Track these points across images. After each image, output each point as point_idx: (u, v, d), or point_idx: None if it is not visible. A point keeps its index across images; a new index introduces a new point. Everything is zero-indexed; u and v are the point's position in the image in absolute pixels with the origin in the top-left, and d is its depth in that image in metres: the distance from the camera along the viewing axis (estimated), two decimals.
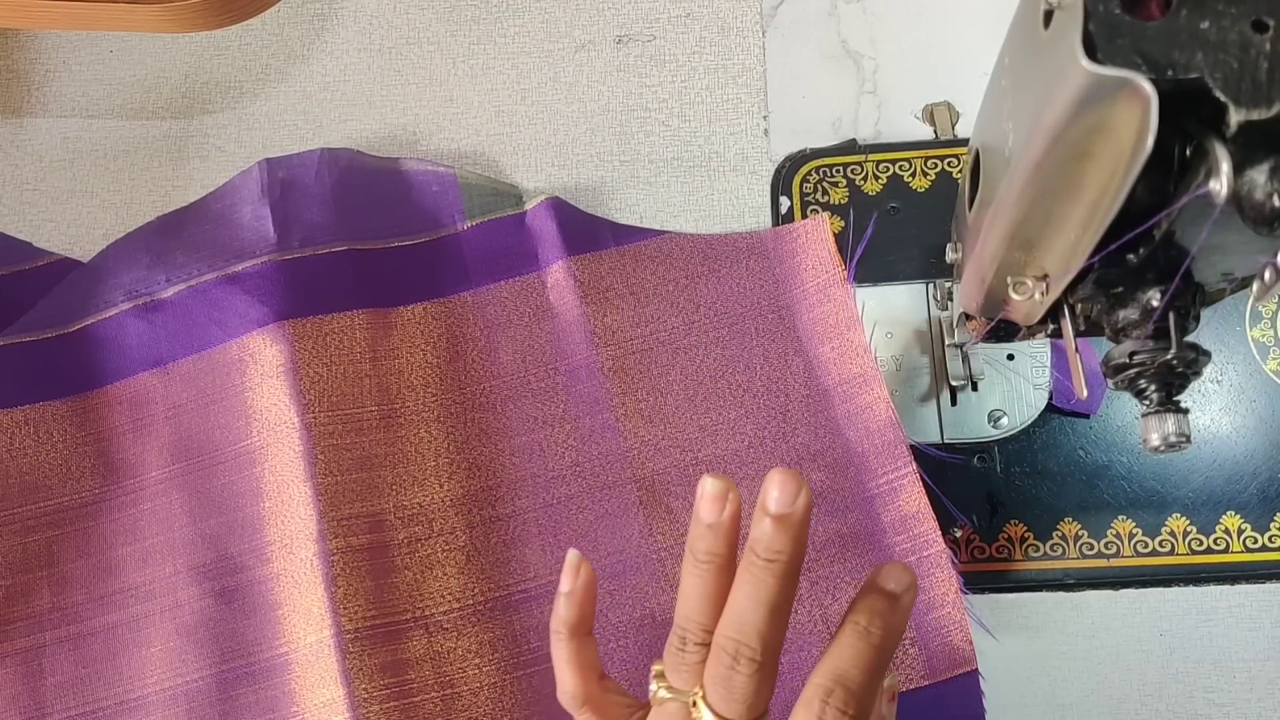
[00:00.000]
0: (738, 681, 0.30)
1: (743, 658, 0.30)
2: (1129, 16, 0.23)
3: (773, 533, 0.30)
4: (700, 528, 0.32)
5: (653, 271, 0.51)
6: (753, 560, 0.30)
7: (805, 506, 0.30)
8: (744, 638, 0.30)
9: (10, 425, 0.49)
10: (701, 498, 0.31)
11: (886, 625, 0.31)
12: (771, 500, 0.30)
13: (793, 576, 0.30)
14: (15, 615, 0.48)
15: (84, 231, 0.54)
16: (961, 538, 0.47)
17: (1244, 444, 0.47)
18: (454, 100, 0.55)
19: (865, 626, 0.31)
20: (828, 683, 0.30)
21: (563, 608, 0.35)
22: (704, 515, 0.32)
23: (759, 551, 0.30)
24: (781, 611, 0.31)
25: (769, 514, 0.30)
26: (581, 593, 0.35)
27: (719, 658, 0.30)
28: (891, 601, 0.31)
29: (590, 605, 0.35)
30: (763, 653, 0.30)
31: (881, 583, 0.32)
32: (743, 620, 0.30)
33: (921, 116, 0.52)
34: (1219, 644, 0.47)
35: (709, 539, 0.31)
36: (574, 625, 0.34)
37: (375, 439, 0.48)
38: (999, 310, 0.37)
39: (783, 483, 0.30)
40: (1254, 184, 0.23)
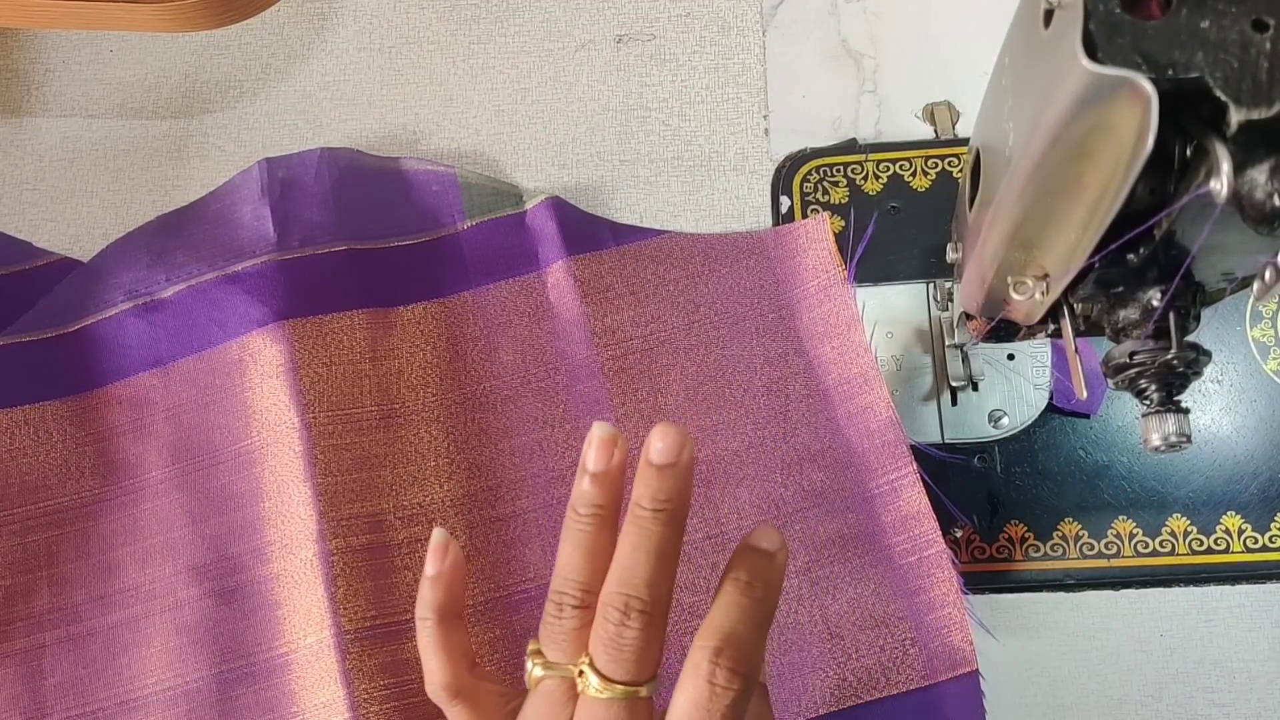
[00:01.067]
0: (628, 638, 0.28)
1: (633, 610, 0.28)
2: (1129, 16, 0.23)
3: (658, 481, 0.29)
4: (584, 479, 0.30)
5: (653, 271, 0.51)
6: (639, 512, 0.29)
7: (689, 458, 0.29)
8: (634, 590, 0.28)
9: (10, 425, 0.49)
10: (589, 444, 0.30)
11: (767, 581, 0.30)
12: (655, 451, 0.29)
13: (679, 526, 0.29)
14: (15, 615, 0.48)
15: (84, 231, 0.54)
16: (962, 538, 0.47)
17: (1244, 444, 0.47)
18: (454, 100, 0.55)
19: (747, 581, 0.29)
20: (715, 642, 0.28)
21: (428, 591, 0.32)
22: (590, 462, 0.30)
23: (644, 503, 0.29)
24: (670, 561, 0.29)
25: (653, 464, 0.29)
26: (449, 574, 0.33)
27: (606, 615, 0.29)
28: (767, 559, 0.30)
29: (460, 588, 0.33)
30: (653, 604, 0.29)
31: (755, 542, 0.30)
32: (632, 572, 0.29)
33: (922, 116, 0.52)
34: (1219, 644, 0.47)
35: (593, 490, 0.30)
36: (442, 609, 0.32)
37: (375, 439, 0.48)
38: (999, 310, 0.37)
39: (664, 433, 0.29)
40: (1254, 183, 0.23)
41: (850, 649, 0.45)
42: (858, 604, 0.46)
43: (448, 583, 0.32)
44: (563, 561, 0.30)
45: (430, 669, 0.32)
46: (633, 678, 0.28)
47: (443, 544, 0.33)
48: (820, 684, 0.45)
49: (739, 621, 0.29)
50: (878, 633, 0.45)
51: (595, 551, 0.30)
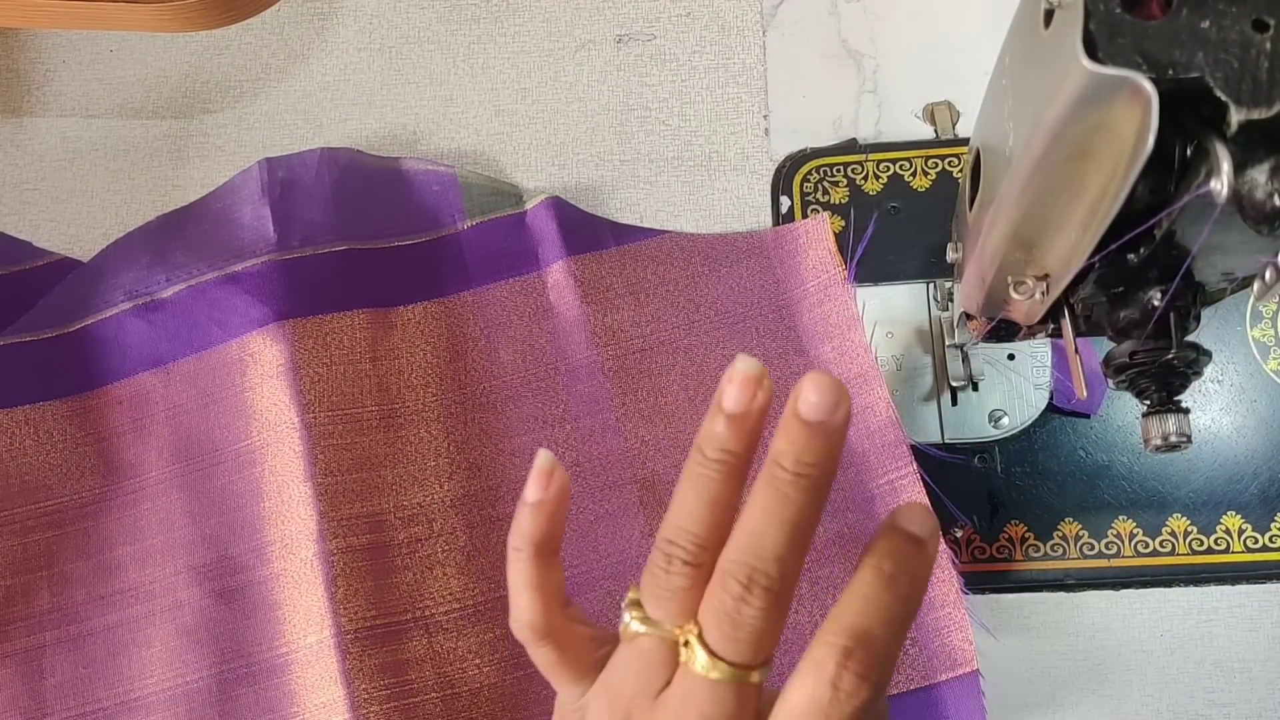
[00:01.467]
0: (747, 615, 0.25)
1: (757, 586, 0.25)
2: (1129, 16, 0.23)
3: (807, 439, 0.25)
4: (717, 418, 0.26)
5: (653, 271, 0.51)
6: (777, 473, 0.25)
7: (845, 417, 0.25)
8: (761, 563, 0.25)
9: (10, 425, 0.49)
10: (728, 379, 0.26)
11: (913, 575, 0.25)
12: (806, 404, 0.24)
13: (822, 497, 0.25)
14: (15, 615, 0.48)
15: (84, 231, 0.54)
16: (962, 538, 0.47)
17: (1244, 444, 0.47)
18: (454, 100, 0.55)
19: (891, 573, 0.25)
20: (846, 640, 0.24)
21: (527, 520, 0.28)
22: (728, 401, 0.26)
23: (786, 463, 0.25)
24: (805, 535, 0.25)
25: (802, 419, 0.25)
26: (553, 503, 0.29)
27: (725, 586, 0.25)
28: (917, 548, 0.26)
29: (561, 521, 0.29)
30: (780, 581, 0.25)
31: (904, 524, 0.26)
32: (761, 542, 0.25)
33: (922, 116, 0.52)
34: (1219, 644, 0.47)
35: (726, 432, 0.26)
36: (540, 541, 0.29)
37: (375, 439, 0.48)
38: (999, 310, 0.37)
39: (819, 384, 0.24)
40: (1255, 183, 0.23)
41: None
42: None
43: (550, 512, 0.29)
44: (679, 508, 0.26)
45: (519, 605, 0.29)
46: (746, 660, 0.25)
47: (548, 468, 0.29)
48: None
49: (877, 620, 0.25)
50: None
51: (718, 503, 0.26)
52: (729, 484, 0.26)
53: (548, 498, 0.29)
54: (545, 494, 0.29)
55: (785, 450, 0.25)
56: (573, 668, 0.29)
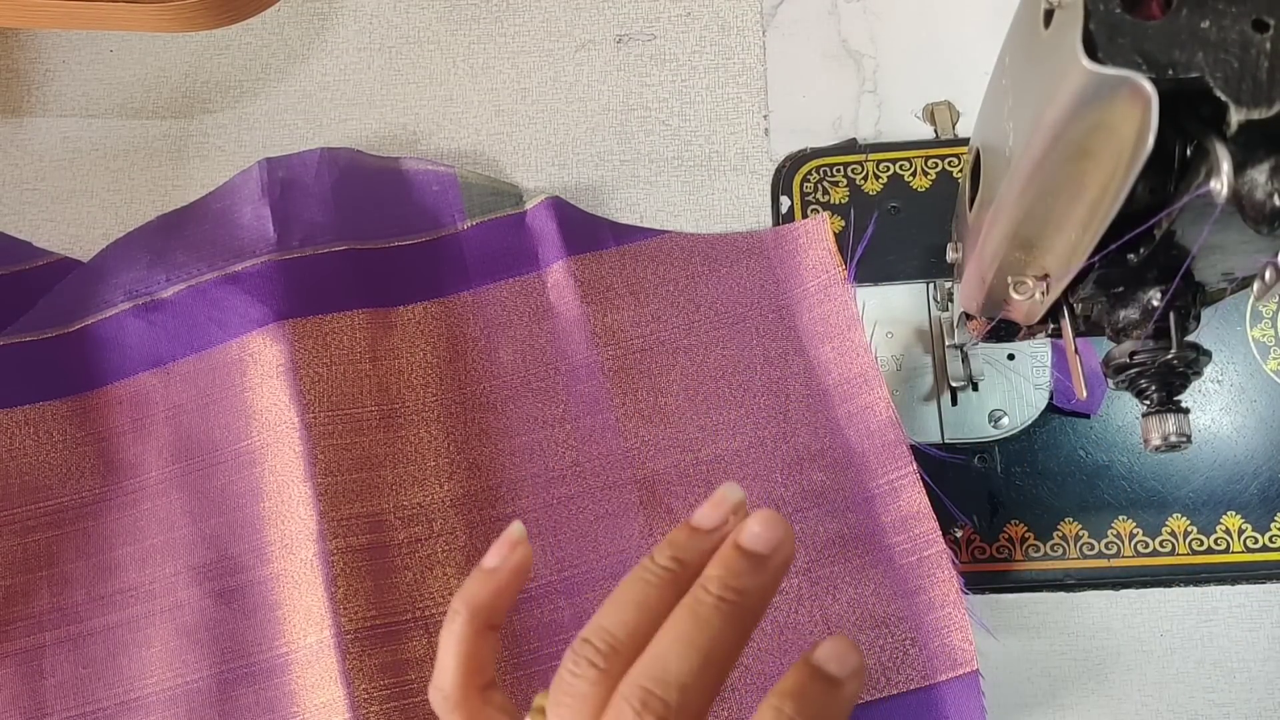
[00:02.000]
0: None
1: (650, 713, 0.23)
2: (1129, 16, 0.23)
3: (741, 568, 0.24)
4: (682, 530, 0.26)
5: (653, 271, 0.51)
6: (702, 596, 0.24)
7: (784, 560, 0.24)
8: (661, 690, 0.23)
9: (10, 425, 0.49)
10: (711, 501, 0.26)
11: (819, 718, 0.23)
12: (750, 535, 0.25)
13: (744, 631, 0.24)
14: (15, 615, 0.48)
15: (84, 231, 0.54)
16: (962, 538, 0.47)
17: (1244, 444, 0.47)
18: (454, 100, 0.55)
19: (789, 716, 0.23)
20: None
21: (476, 585, 0.28)
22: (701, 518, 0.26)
23: (712, 586, 0.24)
24: (719, 668, 0.24)
25: (742, 546, 0.24)
26: (508, 575, 0.28)
27: (620, 710, 0.23)
28: (830, 689, 0.24)
29: (511, 596, 0.28)
30: (677, 715, 0.23)
31: (819, 661, 0.24)
32: (665, 666, 0.23)
33: (922, 116, 0.52)
34: (1219, 644, 0.47)
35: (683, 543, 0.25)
36: (479, 609, 0.27)
37: (375, 439, 0.48)
38: (999, 310, 0.37)
39: (768, 520, 0.24)
40: (1254, 183, 0.23)
41: None
42: (858, 604, 0.46)
43: (502, 583, 0.28)
44: (603, 609, 0.25)
45: (441, 669, 0.27)
46: None
47: (515, 539, 0.28)
48: None
49: None
50: (878, 633, 0.45)
51: (647, 610, 0.24)
52: (666, 592, 0.25)
53: (504, 568, 0.28)
54: (503, 563, 0.28)
55: (713, 575, 0.24)
56: None
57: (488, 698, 0.28)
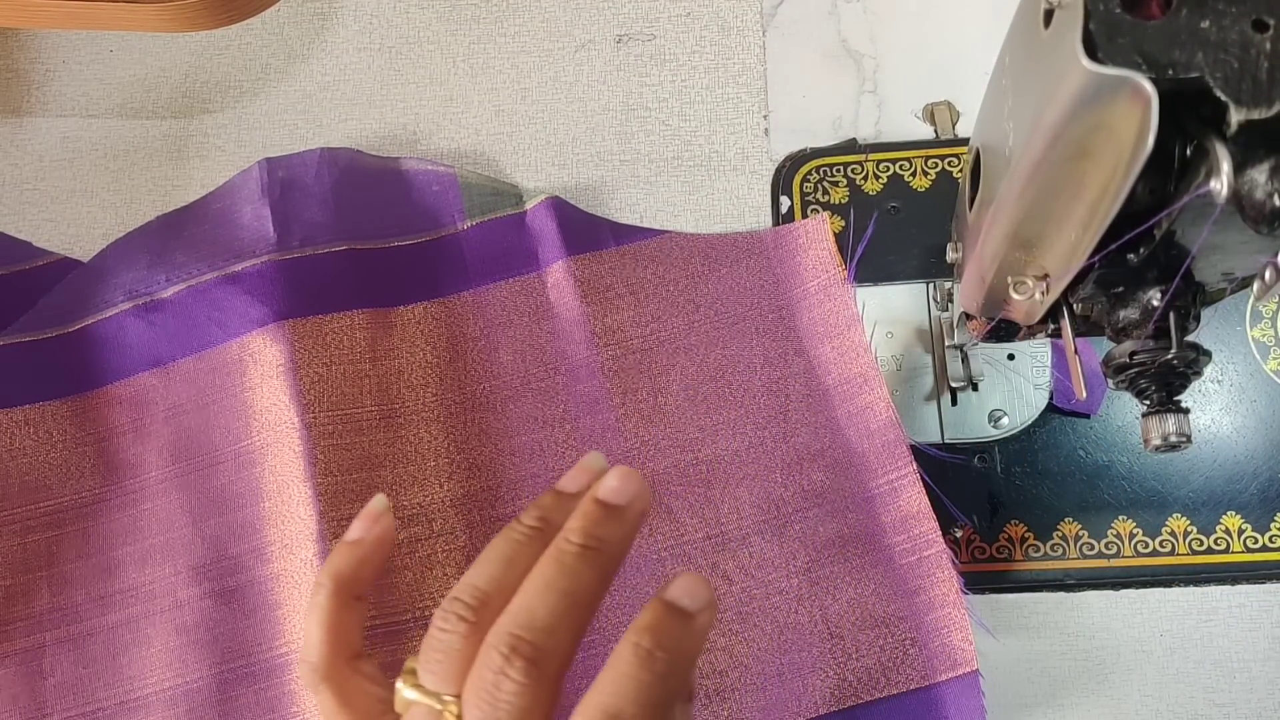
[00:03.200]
0: (506, 691, 0.23)
1: (520, 657, 0.23)
2: (1129, 16, 0.23)
3: (600, 517, 0.25)
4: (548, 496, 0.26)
5: (653, 271, 0.51)
6: (563, 545, 0.25)
7: (640, 512, 0.26)
8: (527, 633, 0.23)
9: (10, 425, 0.49)
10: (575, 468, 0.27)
11: (675, 650, 0.24)
12: (607, 488, 0.26)
13: (605, 576, 0.25)
14: (15, 615, 0.48)
15: (84, 231, 0.54)
16: (962, 538, 0.47)
17: (1244, 444, 0.47)
18: (454, 100, 0.55)
19: (649, 649, 0.24)
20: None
21: (339, 557, 0.28)
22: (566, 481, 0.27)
23: (574, 536, 0.25)
24: (584, 612, 0.24)
25: (600, 500, 0.25)
26: (371, 546, 0.28)
27: (486, 657, 0.24)
28: (684, 621, 0.25)
29: (375, 568, 0.28)
30: (546, 655, 0.23)
31: (672, 597, 0.25)
32: (531, 612, 0.24)
33: (922, 116, 0.52)
34: (1219, 644, 0.47)
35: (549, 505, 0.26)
36: (343, 580, 0.28)
37: (375, 439, 0.48)
38: (999, 310, 0.37)
39: (624, 474, 0.26)
40: (1254, 183, 0.23)
41: (850, 649, 0.45)
42: (858, 604, 0.46)
43: (365, 556, 0.28)
44: (472, 567, 0.26)
45: (308, 641, 0.27)
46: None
47: (376, 512, 0.29)
48: (820, 684, 0.45)
49: (629, 701, 0.23)
50: (878, 633, 0.45)
51: (514, 565, 0.25)
52: (532, 548, 0.25)
53: (367, 539, 0.28)
54: (365, 535, 0.28)
55: (574, 526, 0.25)
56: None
57: (356, 667, 0.28)
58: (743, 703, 0.45)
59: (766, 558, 0.46)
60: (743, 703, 0.45)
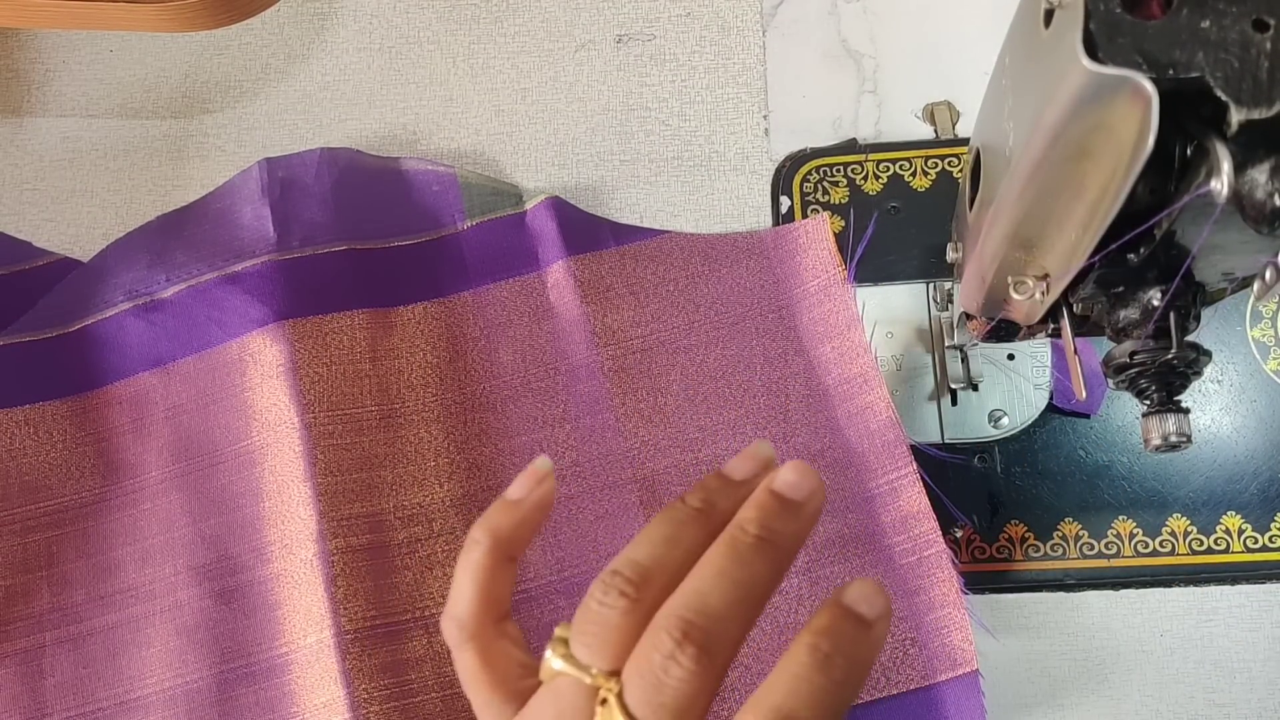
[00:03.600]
0: (674, 676, 0.22)
1: (691, 644, 0.22)
2: (1130, 16, 0.23)
3: (776, 509, 0.24)
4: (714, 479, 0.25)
5: (653, 271, 0.51)
6: (738, 535, 0.24)
7: (817, 509, 0.25)
8: (701, 619, 0.22)
9: (10, 425, 0.49)
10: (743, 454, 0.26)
11: (853, 659, 0.23)
12: (785, 482, 0.25)
13: (780, 570, 0.24)
14: (15, 615, 0.48)
15: (84, 231, 0.54)
16: (962, 538, 0.47)
17: (1244, 444, 0.47)
18: (454, 100, 0.55)
19: (827, 654, 0.23)
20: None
21: (498, 514, 0.27)
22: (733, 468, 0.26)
23: (749, 526, 0.24)
24: (755, 605, 0.23)
25: (777, 493, 0.24)
26: (532, 507, 0.27)
27: (656, 639, 0.22)
28: (862, 628, 0.23)
29: (532, 530, 0.27)
30: (719, 644, 0.22)
31: (851, 604, 0.24)
32: (705, 599, 0.23)
33: (922, 116, 0.52)
34: (1219, 644, 0.47)
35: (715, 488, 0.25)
36: (502, 539, 0.27)
37: (375, 439, 0.48)
38: (999, 310, 0.37)
39: (802, 469, 0.25)
40: (1255, 183, 0.23)
41: None
42: None
43: (525, 514, 0.27)
44: (633, 543, 0.24)
45: (457, 597, 0.26)
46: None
47: (541, 473, 0.28)
48: None
49: (804, 705, 0.22)
50: None
51: (678, 545, 0.24)
52: (697, 530, 0.24)
53: (529, 500, 0.27)
54: (526, 495, 0.27)
55: (751, 516, 0.24)
56: (493, 686, 0.26)
57: (502, 629, 0.27)
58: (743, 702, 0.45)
59: None
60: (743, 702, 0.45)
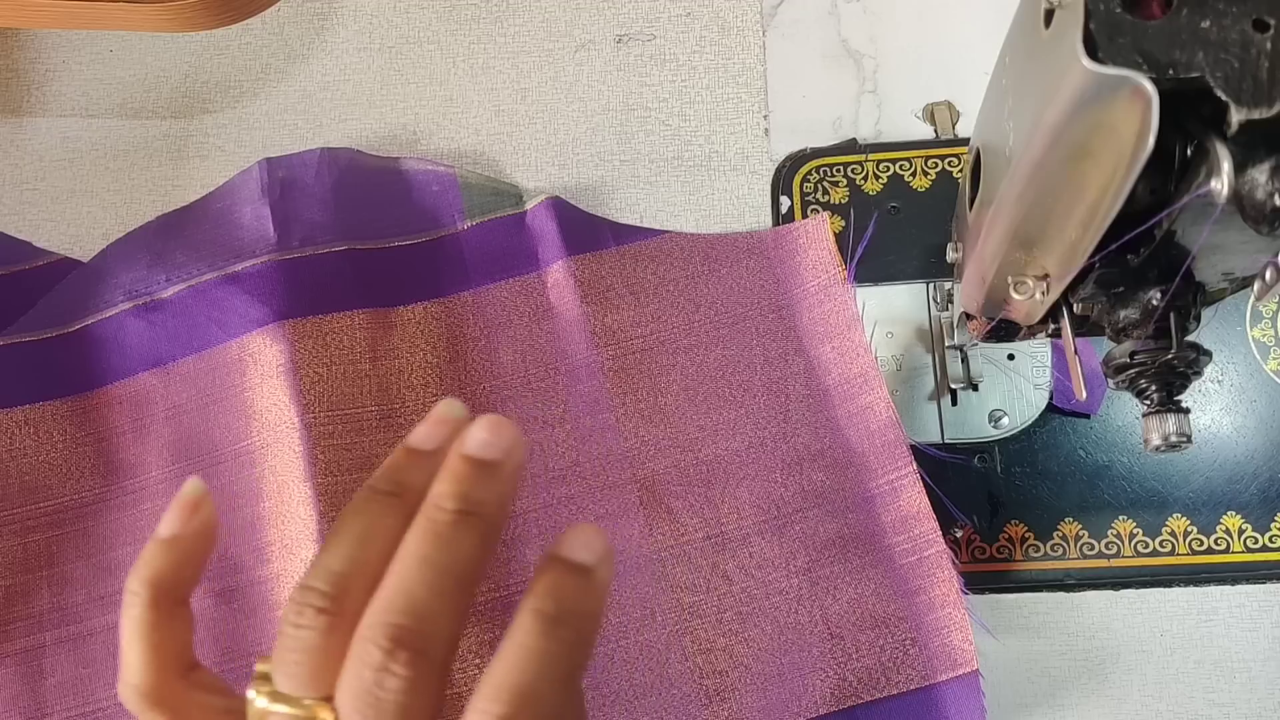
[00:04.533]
0: (391, 690, 0.20)
1: (404, 650, 0.20)
2: (1130, 16, 0.23)
3: (472, 475, 0.21)
4: (400, 455, 0.23)
5: (653, 271, 0.51)
6: (437, 514, 0.21)
7: (517, 465, 0.22)
8: (410, 621, 0.20)
9: (10, 425, 0.49)
10: (428, 418, 0.23)
11: (581, 613, 0.21)
12: (477, 442, 0.22)
13: (490, 545, 0.21)
14: (15, 615, 0.48)
15: (84, 231, 0.54)
16: (962, 538, 0.47)
17: (1244, 444, 0.47)
18: (454, 100, 0.55)
19: (554, 616, 0.21)
20: (503, 707, 0.20)
21: (152, 557, 0.23)
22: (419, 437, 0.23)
23: (445, 502, 0.21)
24: (468, 590, 0.21)
25: (470, 456, 0.22)
26: (192, 542, 0.23)
27: (363, 653, 0.20)
28: (585, 579, 0.21)
29: (197, 565, 0.24)
30: (433, 645, 0.20)
31: (567, 552, 0.22)
32: (410, 597, 0.20)
33: (922, 116, 0.52)
34: (1219, 644, 0.47)
35: (407, 467, 0.22)
36: (161, 584, 0.23)
37: (375, 439, 0.48)
38: (1000, 310, 0.37)
39: (493, 424, 0.22)
40: (1255, 183, 0.23)
41: (850, 649, 0.45)
42: (858, 604, 0.46)
43: (185, 551, 0.23)
44: (323, 548, 0.22)
45: (126, 664, 0.23)
46: None
47: (195, 499, 0.24)
48: (820, 684, 0.45)
49: (539, 676, 0.20)
50: (878, 633, 0.45)
51: (374, 540, 0.21)
52: (392, 519, 0.22)
53: (185, 534, 0.23)
54: (182, 529, 0.23)
55: (446, 491, 0.21)
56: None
57: (191, 680, 0.24)
58: (743, 703, 0.45)
59: (766, 558, 0.46)
60: (743, 703, 0.45)
